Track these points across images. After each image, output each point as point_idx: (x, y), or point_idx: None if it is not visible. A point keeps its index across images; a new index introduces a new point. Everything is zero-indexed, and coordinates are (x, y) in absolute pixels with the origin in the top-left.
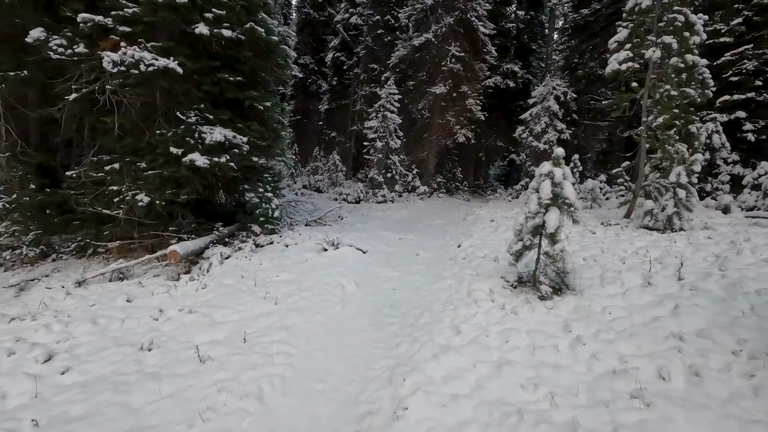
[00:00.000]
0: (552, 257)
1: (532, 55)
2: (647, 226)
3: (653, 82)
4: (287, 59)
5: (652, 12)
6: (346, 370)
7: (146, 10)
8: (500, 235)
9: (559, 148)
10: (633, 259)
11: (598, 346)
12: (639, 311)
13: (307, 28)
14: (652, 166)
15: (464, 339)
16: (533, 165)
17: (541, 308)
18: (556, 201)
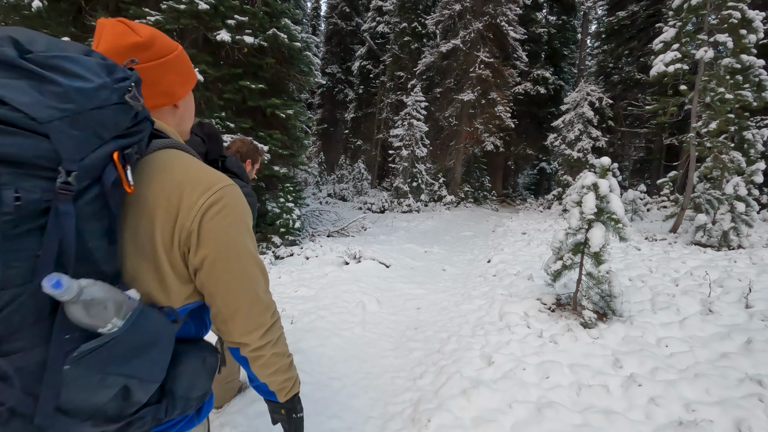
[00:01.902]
0: (596, 279)
1: (564, 61)
2: (699, 242)
3: (704, 84)
4: (311, 66)
5: (703, 9)
6: (363, 404)
7: (168, 18)
8: (533, 250)
9: (605, 158)
10: (687, 280)
11: (657, 388)
12: (702, 345)
13: (335, 38)
14: (702, 175)
15: (497, 372)
16: (566, 174)
17: (584, 337)
18: (601, 216)
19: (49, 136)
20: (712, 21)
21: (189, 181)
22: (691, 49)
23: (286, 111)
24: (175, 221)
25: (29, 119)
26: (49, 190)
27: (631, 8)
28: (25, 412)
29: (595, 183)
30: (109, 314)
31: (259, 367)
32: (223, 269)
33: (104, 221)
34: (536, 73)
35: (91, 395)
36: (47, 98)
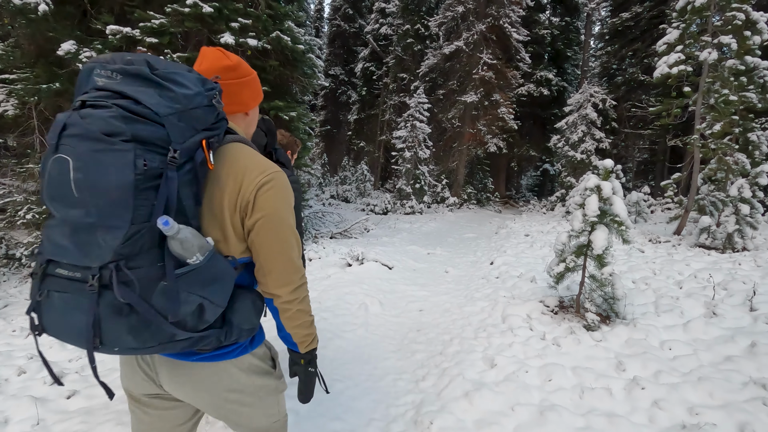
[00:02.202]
0: (599, 281)
1: (567, 62)
2: (703, 244)
3: (708, 86)
4: (314, 68)
5: (707, 10)
6: (366, 406)
7: (173, 21)
8: (536, 252)
9: (608, 160)
10: (691, 283)
11: (660, 391)
12: (706, 348)
13: (338, 40)
14: (706, 177)
15: (499, 374)
16: (569, 175)
17: (587, 340)
18: (604, 218)
19: (165, 125)
20: (716, 22)
21: (250, 166)
22: (695, 50)
23: (290, 113)
24: (238, 194)
25: (154, 113)
26: (162, 162)
27: (635, 10)
28: (140, 311)
29: (598, 185)
30: (194, 250)
31: (286, 319)
32: (267, 232)
33: (193, 187)
34: (539, 75)
35: (178, 307)
36: (165, 100)
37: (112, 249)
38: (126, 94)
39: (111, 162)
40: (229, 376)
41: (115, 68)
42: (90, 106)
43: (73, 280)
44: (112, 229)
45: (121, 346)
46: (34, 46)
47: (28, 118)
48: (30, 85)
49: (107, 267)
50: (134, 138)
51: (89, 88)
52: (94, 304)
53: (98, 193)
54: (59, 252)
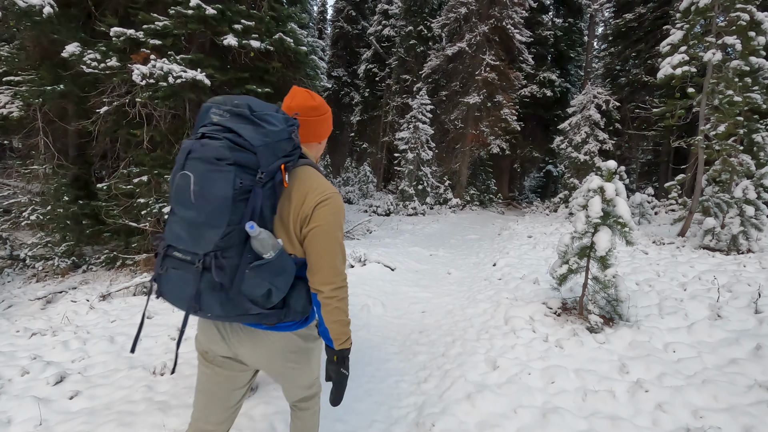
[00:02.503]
0: (602, 283)
1: (570, 63)
2: (708, 246)
3: (712, 86)
4: (317, 70)
5: (711, 11)
6: (368, 408)
7: (176, 23)
8: (539, 254)
9: (611, 161)
10: (695, 285)
11: (664, 394)
12: (710, 351)
13: (341, 41)
14: (710, 178)
15: (502, 376)
16: (572, 176)
17: (590, 342)
18: (607, 220)
19: (257, 154)
20: (720, 23)
21: (314, 186)
22: (699, 51)
23: None
24: (301, 207)
25: (251, 145)
26: (252, 180)
27: (638, 10)
28: (227, 288)
29: (602, 186)
30: (268, 248)
31: (326, 313)
32: (317, 239)
33: (272, 200)
34: (542, 76)
35: (254, 289)
36: (258, 135)
37: (213, 242)
38: (232, 129)
39: (218, 179)
40: (287, 343)
41: (226, 109)
42: (208, 137)
43: (184, 261)
44: (215, 228)
45: (212, 313)
46: (39, 48)
47: (33, 119)
48: (35, 87)
49: (209, 254)
50: (235, 163)
51: (207, 122)
52: (198, 281)
53: (208, 202)
54: (178, 240)
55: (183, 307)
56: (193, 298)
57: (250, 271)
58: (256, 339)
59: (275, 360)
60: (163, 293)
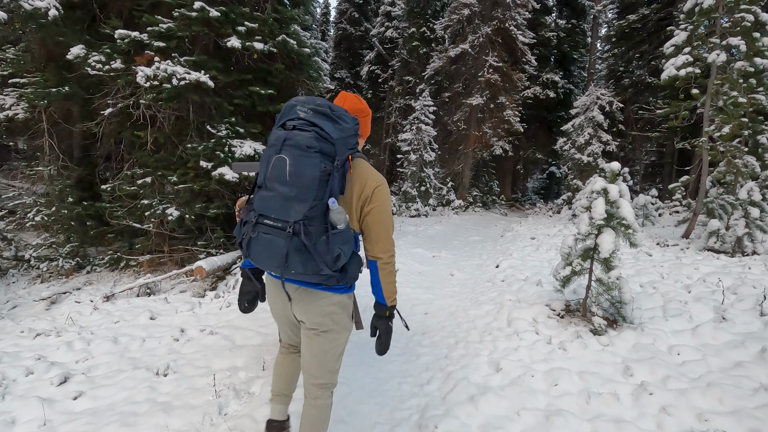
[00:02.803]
0: (606, 285)
1: (573, 64)
2: (712, 248)
3: (716, 88)
4: (320, 71)
5: (715, 12)
6: (370, 410)
7: (180, 25)
8: (542, 255)
9: (614, 163)
10: (700, 287)
11: (669, 396)
12: (715, 353)
13: (344, 43)
14: (715, 180)
15: (505, 378)
16: (576, 178)
17: (594, 344)
18: (611, 222)
19: (335, 145)
20: (725, 24)
21: (371, 174)
22: (703, 52)
23: None
24: (362, 191)
25: (331, 137)
26: (331, 166)
27: (642, 12)
28: (308, 252)
29: (605, 188)
30: (341, 220)
31: (382, 275)
32: (377, 216)
33: (341, 182)
34: (545, 77)
35: (328, 253)
36: (336, 130)
37: (302, 213)
38: (316, 124)
39: (308, 164)
40: (332, 302)
41: (310, 107)
42: (298, 129)
43: (276, 227)
44: (304, 201)
45: (295, 270)
46: (45, 50)
47: (38, 121)
48: (40, 88)
49: (298, 222)
50: (320, 151)
51: (294, 117)
52: (288, 243)
53: (299, 180)
54: (271, 210)
55: (271, 266)
56: (284, 257)
57: (327, 237)
58: (313, 298)
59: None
60: (251, 254)
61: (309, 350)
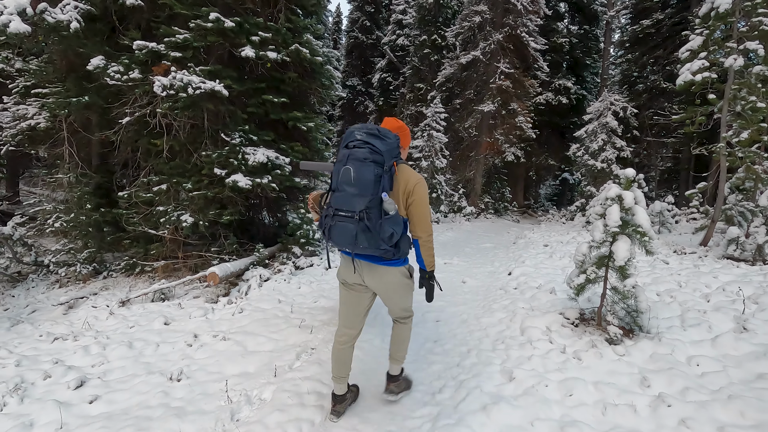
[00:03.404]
0: (621, 293)
1: (586, 70)
2: (732, 256)
3: (734, 93)
4: (332, 79)
5: (732, 16)
6: (382, 418)
7: (196, 36)
8: (556, 263)
9: (629, 169)
10: (719, 296)
11: (688, 409)
12: (736, 365)
13: (356, 51)
14: (733, 186)
15: (518, 388)
16: (589, 184)
17: (610, 354)
18: (626, 229)
19: (383, 156)
20: (742, 28)
21: (412, 175)
22: (720, 57)
23: (308, 123)
24: (405, 187)
25: (381, 151)
26: (381, 171)
27: (656, 16)
28: (370, 231)
29: (620, 195)
30: (392, 209)
31: (423, 250)
32: (417, 206)
33: (390, 182)
34: (558, 83)
35: (385, 232)
36: (384, 145)
37: (364, 204)
38: (369, 143)
39: (365, 170)
40: (394, 274)
41: (364, 131)
42: (357, 147)
43: (347, 216)
44: (365, 197)
45: (362, 245)
46: (66, 61)
47: (59, 130)
48: (61, 98)
49: (362, 211)
50: (374, 161)
51: (353, 139)
52: (356, 227)
53: (361, 183)
54: (342, 204)
55: (345, 244)
56: (354, 236)
57: (383, 221)
58: (376, 271)
59: (387, 285)
60: (331, 236)
61: (390, 303)
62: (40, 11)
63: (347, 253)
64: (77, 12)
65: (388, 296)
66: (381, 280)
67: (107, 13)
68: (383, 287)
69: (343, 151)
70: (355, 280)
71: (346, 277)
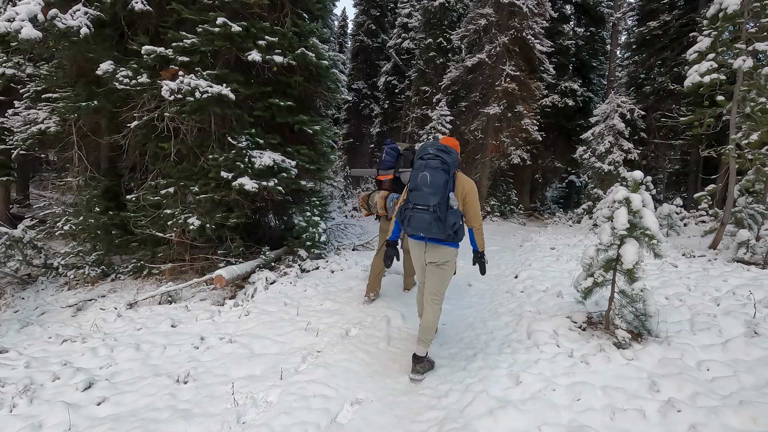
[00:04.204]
0: (630, 297)
1: (592, 72)
2: (742, 259)
3: (743, 94)
4: (338, 83)
5: (741, 17)
6: (388, 422)
7: (203, 40)
8: (563, 266)
9: (637, 171)
10: (729, 300)
11: (698, 414)
12: (747, 370)
13: (361, 55)
14: (743, 189)
15: (525, 392)
16: (596, 187)
17: (618, 358)
18: (634, 232)
19: (449, 166)
20: (750, 29)
21: (466, 180)
22: (728, 58)
23: (313, 127)
24: (463, 189)
25: (447, 162)
26: (448, 176)
27: (663, 18)
28: (440, 220)
29: (627, 197)
30: (455, 204)
31: (476, 237)
32: (470, 203)
33: (452, 185)
34: (564, 86)
35: (450, 221)
36: (449, 157)
37: (436, 201)
38: (439, 156)
39: (438, 176)
40: (450, 251)
41: (435, 147)
42: (431, 159)
43: (423, 209)
44: (437, 195)
45: (434, 231)
46: (76, 66)
47: (68, 134)
48: (71, 103)
49: (435, 206)
50: (443, 169)
51: (427, 153)
52: (431, 217)
53: (435, 185)
54: (420, 200)
55: (420, 230)
56: (429, 224)
57: (449, 212)
58: (438, 249)
59: (443, 260)
60: (411, 225)
61: (431, 278)
62: (51, 17)
63: (420, 238)
64: (87, 18)
65: (437, 272)
66: (439, 256)
67: (116, 18)
68: (438, 259)
69: (419, 161)
70: (418, 255)
71: (415, 258)
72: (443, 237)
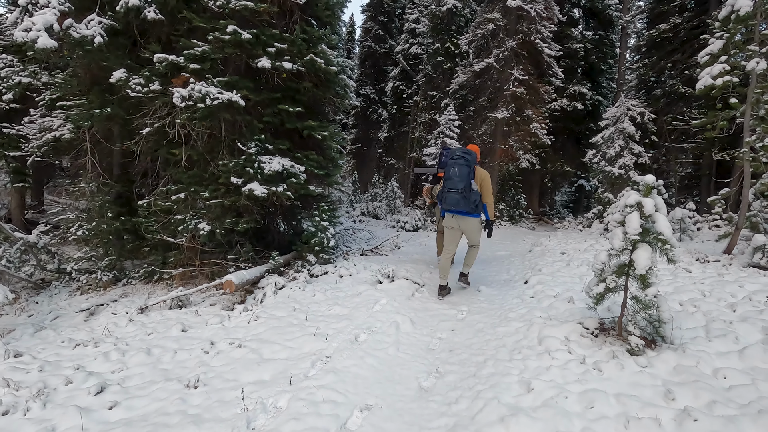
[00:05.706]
0: (643, 303)
1: (601, 76)
2: (758, 264)
3: (757, 96)
4: (346, 89)
5: (753, 19)
6: (397, 428)
7: (214, 48)
8: (573, 271)
9: (649, 175)
10: (746, 306)
11: (716, 424)
12: (766, 378)
13: (369, 60)
14: (758, 192)
15: (537, 399)
16: (607, 191)
17: (631, 365)
18: (647, 236)
19: (470, 162)
20: (764, 31)
21: (484, 172)
22: (741, 60)
23: (322, 132)
24: (480, 177)
25: (469, 160)
26: (470, 169)
27: (673, 20)
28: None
29: (639, 202)
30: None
31: (489, 208)
32: (485, 187)
33: (473, 176)
34: (573, 89)
35: (472, 199)
36: (471, 157)
37: (463, 186)
38: (464, 156)
39: (464, 170)
40: (475, 220)
41: (461, 151)
42: (458, 158)
43: (455, 192)
44: (463, 182)
45: (462, 206)
46: (90, 74)
47: (82, 141)
48: (84, 110)
49: (462, 189)
50: (467, 165)
51: (456, 155)
52: (459, 197)
53: (461, 176)
54: (452, 186)
55: (453, 206)
56: (458, 201)
57: (471, 192)
58: (465, 219)
59: (471, 228)
60: (446, 202)
61: (470, 236)
62: (66, 27)
63: (452, 211)
64: (101, 27)
65: (471, 232)
66: (468, 224)
67: (129, 27)
68: (468, 228)
69: (450, 160)
70: (453, 224)
71: (449, 224)
72: (468, 209)
